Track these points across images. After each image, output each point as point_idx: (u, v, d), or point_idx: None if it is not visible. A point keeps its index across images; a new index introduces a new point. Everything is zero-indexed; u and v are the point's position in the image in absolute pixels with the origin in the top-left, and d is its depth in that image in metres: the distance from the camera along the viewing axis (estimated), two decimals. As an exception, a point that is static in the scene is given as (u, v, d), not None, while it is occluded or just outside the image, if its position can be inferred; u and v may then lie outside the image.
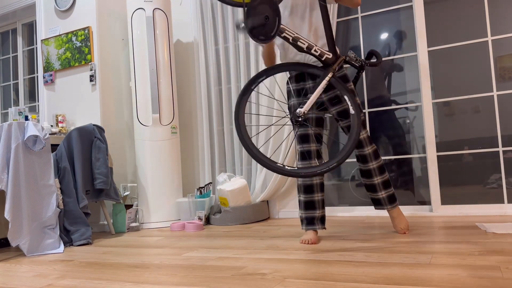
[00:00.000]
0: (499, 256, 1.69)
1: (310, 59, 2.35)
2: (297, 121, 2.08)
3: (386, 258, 1.79)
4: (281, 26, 2.07)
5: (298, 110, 2.05)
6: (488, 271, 1.48)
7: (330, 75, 2.12)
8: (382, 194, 2.37)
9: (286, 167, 2.06)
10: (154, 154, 3.52)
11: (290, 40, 2.09)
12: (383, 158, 3.30)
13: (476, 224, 2.49)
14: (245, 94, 2.11)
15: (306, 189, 2.38)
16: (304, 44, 2.11)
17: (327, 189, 3.52)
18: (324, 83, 2.10)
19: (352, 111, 2.12)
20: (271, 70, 2.14)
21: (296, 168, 2.06)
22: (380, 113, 3.32)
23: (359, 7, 3.40)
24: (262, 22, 1.92)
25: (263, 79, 2.13)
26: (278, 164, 2.04)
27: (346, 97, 2.12)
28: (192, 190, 3.95)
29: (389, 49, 3.33)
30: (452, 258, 1.71)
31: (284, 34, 2.08)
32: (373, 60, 2.49)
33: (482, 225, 2.42)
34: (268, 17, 1.94)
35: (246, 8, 1.89)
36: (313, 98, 2.07)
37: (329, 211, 3.43)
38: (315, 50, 2.13)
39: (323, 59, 2.15)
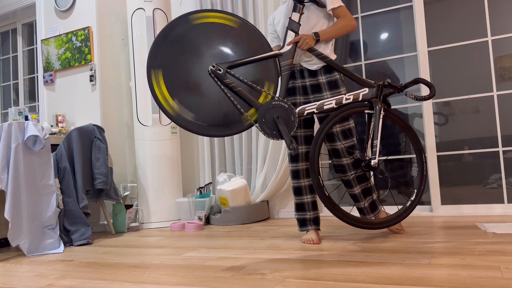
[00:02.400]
0: (499, 256, 1.69)
1: (302, 58, 2.34)
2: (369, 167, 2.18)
3: (386, 258, 1.79)
4: (298, 111, 2.11)
5: (373, 162, 2.11)
6: (488, 271, 1.48)
7: (382, 112, 2.16)
8: (363, 203, 2.36)
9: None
10: (154, 154, 3.52)
11: (316, 112, 2.13)
12: (383, 158, 3.30)
13: (476, 224, 2.49)
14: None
15: (296, 191, 2.39)
16: (332, 103, 2.15)
17: (327, 189, 3.52)
18: (380, 121, 2.14)
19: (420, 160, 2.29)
20: (337, 116, 2.18)
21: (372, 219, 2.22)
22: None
23: (359, 7, 3.40)
24: (273, 127, 2.00)
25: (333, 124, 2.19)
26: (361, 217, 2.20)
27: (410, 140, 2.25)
28: (192, 190, 3.95)
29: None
30: (452, 258, 1.71)
31: (306, 113, 2.12)
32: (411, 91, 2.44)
33: (482, 225, 2.42)
34: (280, 117, 2.01)
35: (257, 126, 1.99)
36: (378, 143, 2.13)
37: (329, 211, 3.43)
38: (346, 99, 2.16)
39: (360, 99, 2.18)
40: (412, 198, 2.29)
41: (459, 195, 3.06)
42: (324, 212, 3.45)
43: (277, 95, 2.07)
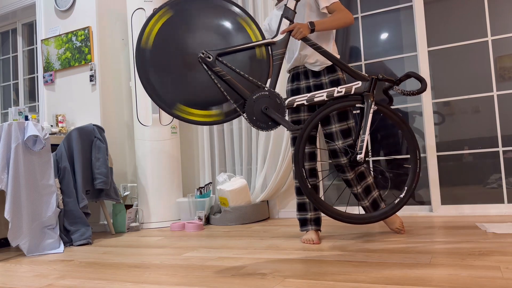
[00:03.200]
0: (499, 256, 1.69)
1: (305, 60, 2.34)
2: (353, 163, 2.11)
3: (386, 258, 1.79)
4: (288, 101, 2.06)
5: (358, 157, 2.03)
6: (488, 271, 1.48)
7: (373, 105, 2.08)
8: (365, 202, 2.36)
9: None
10: (154, 154, 3.52)
11: (306, 104, 2.07)
12: (382, 158, 3.30)
13: (476, 224, 2.49)
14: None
15: (298, 191, 2.40)
16: (323, 95, 2.08)
17: (328, 189, 3.52)
18: (370, 116, 2.06)
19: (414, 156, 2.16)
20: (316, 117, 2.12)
21: (359, 214, 2.12)
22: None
23: (359, 7, 3.40)
24: (266, 120, 1.97)
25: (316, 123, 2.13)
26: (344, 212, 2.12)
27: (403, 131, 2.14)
28: (192, 190, 3.95)
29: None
30: (452, 258, 1.71)
31: (296, 104, 2.07)
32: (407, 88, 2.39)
33: (482, 225, 2.42)
34: (268, 107, 1.97)
35: (247, 118, 1.95)
36: (366, 138, 2.05)
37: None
38: (338, 92, 2.08)
39: (352, 92, 2.10)
40: (401, 196, 2.17)
41: (459, 195, 3.06)
42: (324, 212, 3.45)
43: (267, 84, 2.04)
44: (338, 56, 2.37)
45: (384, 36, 3.34)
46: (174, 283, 1.65)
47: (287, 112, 2.10)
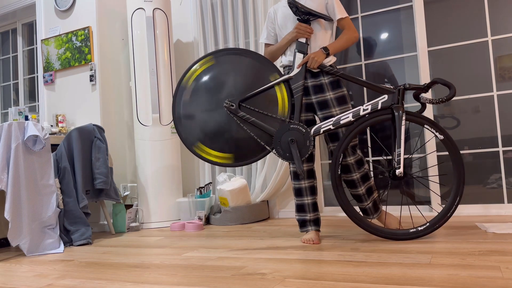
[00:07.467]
0: (499, 256, 1.69)
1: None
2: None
3: (386, 258, 1.79)
4: (313, 130, 2.16)
5: (398, 172, 2.04)
6: (488, 271, 1.48)
7: (403, 117, 2.08)
8: (367, 203, 2.36)
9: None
10: (154, 154, 3.52)
11: (333, 128, 2.16)
12: (383, 157, 3.30)
13: (476, 224, 2.49)
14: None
15: (297, 192, 2.40)
16: (348, 117, 2.15)
17: (328, 189, 3.52)
18: (403, 128, 2.07)
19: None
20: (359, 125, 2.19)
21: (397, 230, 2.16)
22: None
23: (359, 7, 3.40)
24: (290, 151, 2.13)
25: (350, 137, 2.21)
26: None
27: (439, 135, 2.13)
28: (192, 190, 3.95)
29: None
30: (452, 258, 1.71)
31: (322, 131, 2.16)
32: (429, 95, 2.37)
33: (482, 225, 2.42)
34: (293, 139, 2.12)
35: (276, 153, 2.15)
36: (402, 151, 2.07)
37: (330, 211, 3.43)
38: (364, 110, 2.14)
39: (379, 107, 2.12)
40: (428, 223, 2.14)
41: (459, 195, 3.05)
42: (324, 213, 3.45)
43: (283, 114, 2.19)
44: (335, 59, 2.37)
45: (384, 36, 3.34)
46: (174, 283, 1.65)
47: (314, 139, 2.20)
